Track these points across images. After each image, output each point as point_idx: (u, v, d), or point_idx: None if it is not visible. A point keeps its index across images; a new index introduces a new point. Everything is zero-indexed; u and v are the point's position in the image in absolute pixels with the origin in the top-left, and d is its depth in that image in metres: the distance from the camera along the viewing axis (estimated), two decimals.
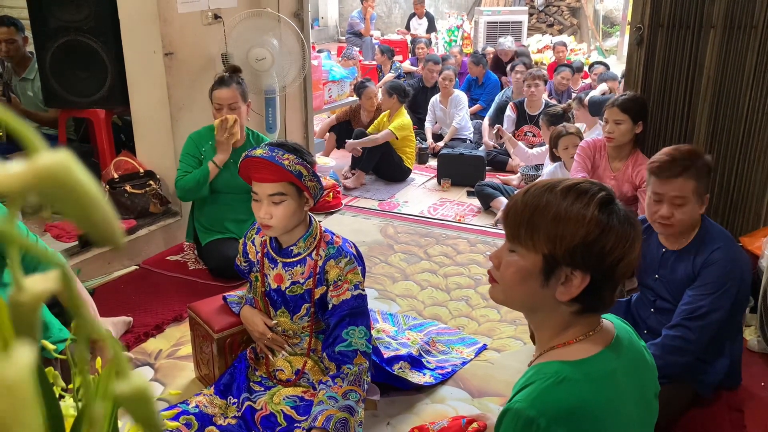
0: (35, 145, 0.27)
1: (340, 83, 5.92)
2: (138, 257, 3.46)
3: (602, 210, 1.05)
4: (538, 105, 5.28)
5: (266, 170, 1.94)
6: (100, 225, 0.28)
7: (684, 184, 1.97)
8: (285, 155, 1.94)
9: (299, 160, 1.95)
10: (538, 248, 1.08)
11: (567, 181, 1.11)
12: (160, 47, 3.43)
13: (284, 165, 1.92)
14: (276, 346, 2.19)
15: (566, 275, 1.07)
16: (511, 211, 1.13)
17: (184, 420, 1.95)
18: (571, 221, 1.05)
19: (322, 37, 13.63)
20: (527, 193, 1.12)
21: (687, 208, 1.99)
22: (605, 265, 1.05)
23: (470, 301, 3.14)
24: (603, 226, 1.04)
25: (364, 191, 4.86)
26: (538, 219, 1.08)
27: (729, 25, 2.90)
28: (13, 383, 0.23)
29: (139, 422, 0.32)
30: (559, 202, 1.07)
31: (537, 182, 1.15)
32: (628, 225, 1.07)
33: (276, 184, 1.94)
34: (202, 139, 3.28)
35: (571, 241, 1.05)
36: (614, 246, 1.05)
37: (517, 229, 1.10)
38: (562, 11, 11.74)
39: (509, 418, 1.06)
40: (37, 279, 0.31)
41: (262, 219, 1.97)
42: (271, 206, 1.95)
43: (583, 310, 1.10)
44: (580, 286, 1.06)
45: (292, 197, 1.96)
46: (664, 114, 3.13)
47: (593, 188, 1.08)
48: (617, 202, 1.09)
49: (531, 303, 1.14)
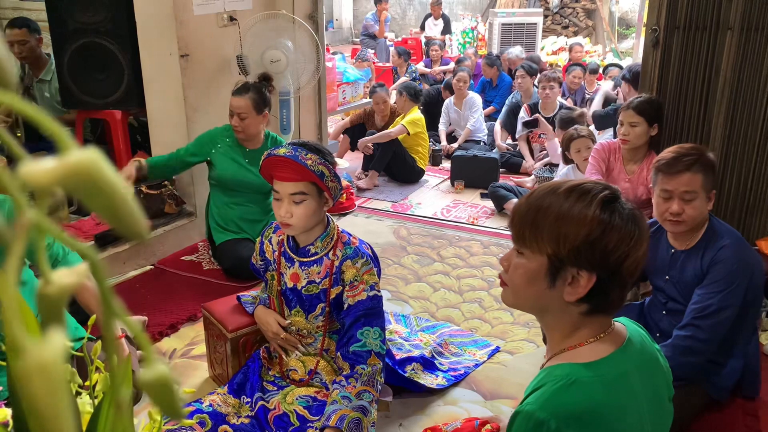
0: (66, 143, 0.28)
1: (355, 85, 5.94)
2: (153, 257, 3.50)
3: (604, 209, 1.06)
4: (552, 107, 5.27)
5: (289, 169, 1.95)
6: (127, 219, 0.30)
7: (692, 178, 1.99)
8: (308, 155, 1.95)
9: (322, 160, 1.97)
10: (543, 249, 1.08)
11: (570, 182, 1.12)
12: (176, 49, 3.46)
13: (307, 165, 1.93)
14: (289, 346, 2.20)
15: (572, 275, 1.07)
16: (517, 214, 1.14)
17: (198, 419, 1.97)
18: (573, 221, 1.06)
19: (337, 39, 13.68)
20: (532, 196, 1.13)
21: (696, 203, 2.00)
22: (610, 264, 1.06)
23: (483, 303, 3.14)
24: (605, 224, 1.05)
25: (377, 192, 4.88)
26: (541, 220, 1.09)
27: (746, 27, 2.87)
28: (49, 365, 0.25)
29: (162, 408, 0.33)
30: (561, 203, 1.08)
31: (542, 185, 1.16)
32: (631, 223, 1.07)
33: (298, 183, 1.95)
34: (218, 136, 3.33)
35: (574, 240, 1.05)
36: (617, 244, 1.05)
37: (522, 231, 1.12)
38: (577, 13, 11.70)
39: (520, 420, 1.07)
40: (64, 272, 0.32)
41: (283, 218, 1.98)
42: (292, 205, 1.96)
43: (592, 311, 1.11)
44: (587, 286, 1.06)
45: (312, 197, 1.97)
46: (679, 116, 3.11)
47: (596, 188, 1.09)
48: (621, 200, 1.09)
49: (540, 305, 1.14)
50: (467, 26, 10.26)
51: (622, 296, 1.11)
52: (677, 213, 2.01)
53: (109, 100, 3.68)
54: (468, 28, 10.20)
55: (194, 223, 3.72)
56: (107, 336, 0.35)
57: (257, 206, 3.39)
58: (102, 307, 0.33)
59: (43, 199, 0.28)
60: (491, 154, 5.13)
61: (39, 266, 0.32)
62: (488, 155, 5.07)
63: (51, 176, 0.26)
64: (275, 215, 2.02)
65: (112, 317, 0.33)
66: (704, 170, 2.00)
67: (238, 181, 3.28)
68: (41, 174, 0.26)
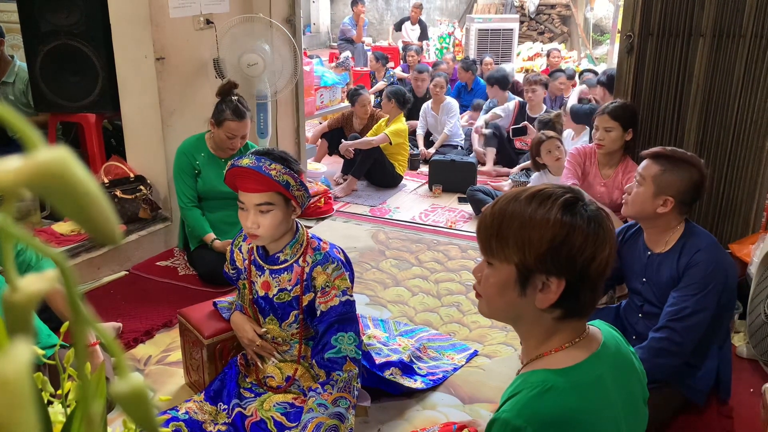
0: (33, 142, 0.26)
1: (332, 89, 5.93)
2: (128, 263, 3.44)
3: (565, 211, 1.05)
4: (538, 108, 5.51)
5: (253, 180, 1.91)
6: (99, 222, 0.28)
7: (648, 165, 2.14)
8: (272, 165, 1.90)
9: (286, 169, 1.92)
10: (510, 258, 1.08)
11: (532, 189, 1.11)
12: (152, 52, 3.42)
13: (271, 175, 1.89)
14: (265, 353, 2.18)
15: (542, 282, 1.07)
16: (482, 225, 1.13)
17: (174, 426, 1.94)
18: (536, 226, 1.05)
19: (314, 43, 13.65)
20: (495, 206, 1.12)
21: (641, 189, 2.13)
22: (577, 267, 1.05)
23: (461, 307, 3.14)
24: (568, 227, 1.04)
25: (355, 197, 4.86)
26: (505, 229, 1.08)
27: (718, 34, 2.93)
28: (10, 380, 0.23)
29: (136, 422, 0.31)
30: (523, 210, 1.07)
31: (505, 193, 1.16)
32: (595, 224, 1.06)
33: (263, 194, 1.91)
34: (194, 149, 3.27)
35: (539, 246, 1.05)
36: (582, 246, 1.04)
37: (488, 242, 1.11)
38: (552, 19, 11.83)
39: (497, 427, 1.06)
40: (31, 278, 0.30)
41: (249, 228, 1.94)
42: (258, 215, 1.93)
43: (565, 316, 1.11)
44: (557, 292, 1.06)
45: (279, 207, 1.93)
46: (653, 121, 3.15)
47: (557, 192, 1.09)
48: (584, 202, 1.09)
49: (514, 313, 1.14)
50: (444, 32, 10.30)
51: (594, 299, 1.11)
52: (627, 192, 2.22)
53: (82, 103, 3.62)
54: (445, 34, 10.25)
55: (169, 228, 3.67)
56: (78, 346, 0.34)
57: (234, 210, 3.36)
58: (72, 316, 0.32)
59: (9, 202, 0.27)
60: (469, 159, 5.16)
61: (6, 272, 0.31)
62: (466, 160, 5.10)
63: (17, 177, 0.25)
64: (242, 225, 1.99)
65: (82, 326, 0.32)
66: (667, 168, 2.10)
67: (219, 191, 3.26)
68: (6, 174, 0.25)
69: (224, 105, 3.15)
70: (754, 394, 2.36)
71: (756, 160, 2.99)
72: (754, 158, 2.99)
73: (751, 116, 2.95)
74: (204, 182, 3.26)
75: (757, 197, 3.04)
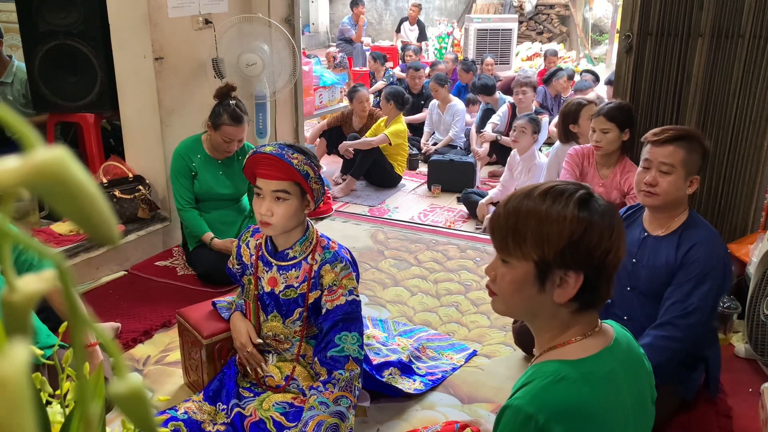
0: (32, 142, 0.26)
1: (331, 89, 5.93)
2: (126, 263, 3.44)
3: (582, 207, 1.07)
4: (528, 111, 5.40)
5: (274, 167, 1.93)
6: (97, 222, 0.28)
7: (674, 151, 1.99)
8: (294, 154, 1.94)
9: (307, 160, 1.96)
10: (528, 255, 1.09)
11: (543, 185, 1.12)
12: (150, 52, 3.42)
13: (293, 164, 1.92)
14: (253, 362, 2.17)
15: (560, 277, 1.08)
16: (496, 224, 1.14)
17: (173, 426, 1.94)
18: (554, 223, 1.06)
19: (313, 43, 13.65)
20: (508, 203, 1.13)
21: (672, 177, 1.99)
22: (595, 261, 1.07)
23: (460, 307, 3.14)
24: (585, 223, 1.06)
25: (354, 197, 4.87)
26: (522, 227, 1.09)
27: (717, 34, 2.93)
28: (9, 380, 0.23)
29: (135, 423, 0.31)
30: (539, 207, 1.08)
31: (516, 191, 1.16)
32: (609, 217, 1.08)
33: (282, 182, 1.93)
34: (190, 151, 3.27)
35: (558, 243, 1.06)
36: (599, 240, 1.06)
37: (504, 240, 1.12)
38: (551, 19, 11.84)
39: (509, 413, 1.08)
40: (30, 279, 0.30)
41: (263, 216, 1.95)
42: (274, 203, 1.94)
43: (581, 308, 1.12)
44: (576, 286, 1.07)
45: (295, 197, 1.96)
46: (652, 121, 3.15)
47: (570, 188, 1.10)
48: (595, 197, 1.11)
49: (531, 310, 1.15)
50: (443, 32, 10.31)
51: (609, 290, 1.12)
52: (651, 184, 2.01)
53: (81, 103, 3.62)
54: (444, 34, 10.26)
55: (168, 228, 3.67)
56: (76, 347, 0.34)
57: (230, 209, 3.38)
58: (70, 317, 0.31)
59: (7, 201, 0.26)
60: (467, 159, 5.16)
61: (4, 272, 0.31)
62: (465, 160, 5.10)
63: (16, 176, 0.25)
64: (255, 213, 2.00)
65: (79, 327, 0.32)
66: (689, 148, 1.98)
67: (216, 193, 3.28)
68: (5, 174, 0.25)
69: (222, 108, 3.14)
70: (753, 394, 2.36)
71: (755, 160, 2.99)
72: (752, 158, 3.00)
73: (750, 116, 2.95)
74: (201, 184, 3.26)
75: (756, 197, 3.04)
